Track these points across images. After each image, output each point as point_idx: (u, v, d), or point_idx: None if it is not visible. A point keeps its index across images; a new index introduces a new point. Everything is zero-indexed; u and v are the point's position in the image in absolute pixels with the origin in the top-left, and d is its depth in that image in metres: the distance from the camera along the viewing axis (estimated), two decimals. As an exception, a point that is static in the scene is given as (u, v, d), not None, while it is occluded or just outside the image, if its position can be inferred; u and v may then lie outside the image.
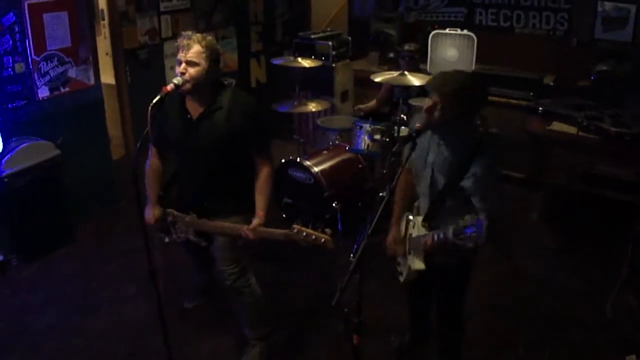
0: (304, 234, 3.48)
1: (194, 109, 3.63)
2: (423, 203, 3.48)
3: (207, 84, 3.55)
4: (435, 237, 3.15)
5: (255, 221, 3.68)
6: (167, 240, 4.06)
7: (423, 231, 3.32)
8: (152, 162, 3.96)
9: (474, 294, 3.82)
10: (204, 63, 3.46)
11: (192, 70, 3.44)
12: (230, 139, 3.60)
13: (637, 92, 5.98)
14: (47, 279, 5.16)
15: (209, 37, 3.55)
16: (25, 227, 5.28)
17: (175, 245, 4.09)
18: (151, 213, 3.91)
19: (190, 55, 3.43)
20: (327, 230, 3.48)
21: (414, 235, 3.40)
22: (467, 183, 3.17)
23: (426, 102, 3.19)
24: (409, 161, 3.38)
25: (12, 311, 4.75)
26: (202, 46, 3.46)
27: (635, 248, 4.65)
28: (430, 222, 3.34)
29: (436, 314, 3.79)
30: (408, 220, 3.52)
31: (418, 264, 3.32)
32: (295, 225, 3.51)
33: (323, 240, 3.44)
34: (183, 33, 3.54)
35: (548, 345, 4.33)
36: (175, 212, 3.91)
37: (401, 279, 3.54)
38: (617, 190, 5.62)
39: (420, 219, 3.39)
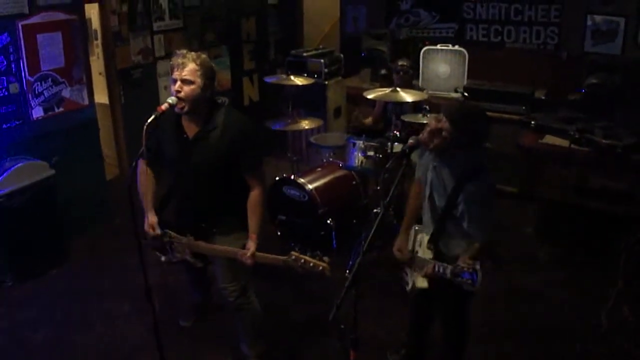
0: (302, 261, 3.47)
1: (190, 128, 3.64)
2: (426, 217, 3.53)
3: (203, 103, 3.56)
4: (435, 269, 3.24)
5: (250, 245, 3.66)
6: (163, 259, 4.05)
7: (428, 253, 3.40)
8: (144, 172, 3.91)
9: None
10: (199, 81, 3.47)
11: (187, 89, 3.45)
12: (225, 158, 3.61)
13: (627, 104, 6.02)
14: (41, 298, 5.14)
15: (203, 56, 3.57)
16: (20, 247, 5.27)
17: (171, 263, 4.09)
18: (150, 222, 3.88)
19: (185, 74, 3.44)
20: (325, 259, 3.46)
21: (419, 254, 3.46)
22: (457, 209, 3.22)
23: (431, 123, 3.21)
24: (417, 172, 3.46)
25: (6, 330, 4.73)
26: (197, 64, 3.47)
27: (628, 259, 4.67)
28: (434, 244, 3.40)
29: (442, 328, 3.81)
30: (416, 232, 3.58)
31: (421, 283, 3.39)
32: (293, 252, 3.50)
33: (321, 268, 3.43)
34: (177, 52, 3.55)
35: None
36: (172, 234, 3.90)
37: (407, 288, 3.59)
38: (610, 202, 5.65)
39: (426, 238, 3.44)
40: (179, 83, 3.45)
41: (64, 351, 4.50)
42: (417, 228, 3.60)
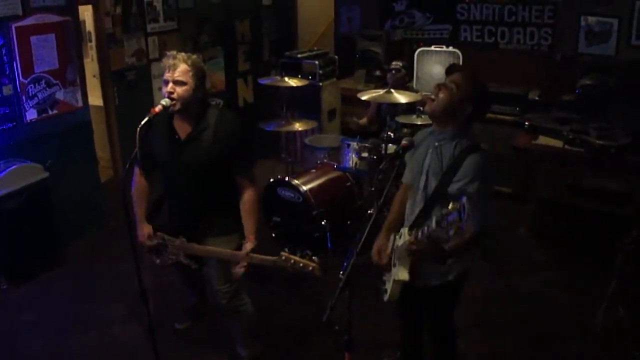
0: (292, 261, 3.46)
1: (182, 129, 3.63)
2: (409, 216, 3.41)
3: (195, 103, 3.56)
4: (419, 234, 3.03)
5: (248, 246, 3.64)
6: (158, 262, 4.04)
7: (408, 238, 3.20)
8: (138, 181, 3.93)
9: (465, 310, 3.83)
10: (191, 82, 3.47)
11: (179, 90, 3.45)
12: (217, 159, 3.60)
13: (621, 105, 6.04)
14: (37, 301, 5.13)
15: (194, 56, 3.57)
16: (15, 250, 5.27)
17: (165, 266, 4.08)
18: (143, 231, 3.89)
19: (177, 75, 3.45)
20: (315, 259, 3.45)
21: (399, 245, 3.29)
22: (453, 187, 3.12)
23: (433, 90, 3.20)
24: (405, 176, 3.40)
25: (2, 334, 4.72)
26: (188, 65, 3.47)
27: (623, 259, 4.67)
28: (416, 229, 3.17)
29: (426, 332, 3.78)
30: (395, 235, 3.44)
31: (402, 274, 3.20)
32: (283, 253, 3.48)
33: (311, 268, 3.43)
34: (168, 53, 3.55)
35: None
36: (165, 236, 3.89)
37: (385, 297, 3.40)
38: (604, 202, 5.66)
39: (406, 229, 3.29)
40: (171, 84, 3.45)
41: (60, 355, 4.49)
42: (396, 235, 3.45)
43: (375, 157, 5.45)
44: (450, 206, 2.69)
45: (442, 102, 3.15)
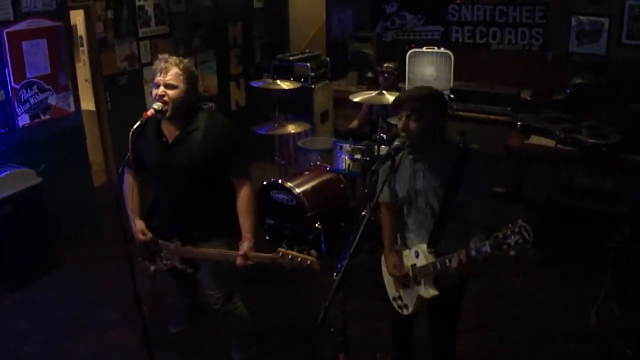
0: (290, 257, 3.45)
1: (170, 132, 3.62)
2: (415, 233, 3.44)
3: (185, 107, 3.55)
4: (473, 253, 3.01)
5: (246, 245, 3.61)
6: (153, 268, 4.01)
7: (431, 258, 3.26)
8: (128, 179, 3.91)
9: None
10: (182, 85, 3.47)
11: (171, 93, 3.45)
12: (207, 161, 3.59)
13: (612, 104, 6.06)
14: (30, 307, 5.12)
15: (186, 60, 3.57)
16: (8, 256, 5.24)
17: (160, 271, 4.06)
18: (138, 228, 3.84)
19: (169, 78, 3.45)
20: (313, 252, 3.44)
21: (419, 264, 3.32)
22: (461, 197, 3.17)
23: (400, 122, 3.20)
24: (391, 194, 3.41)
25: (-5, 340, 4.72)
26: (179, 68, 3.47)
27: (616, 257, 4.69)
28: (435, 247, 3.29)
29: (432, 341, 3.75)
30: (405, 255, 3.47)
31: (432, 292, 3.28)
32: (280, 249, 3.47)
33: (309, 262, 3.41)
34: (160, 56, 3.55)
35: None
36: (160, 241, 3.87)
37: (406, 311, 3.49)
38: (597, 201, 5.68)
39: (424, 247, 3.32)
40: (162, 87, 3.45)
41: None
42: (405, 252, 3.49)
43: (367, 158, 5.46)
44: (507, 231, 2.79)
45: (417, 130, 3.14)
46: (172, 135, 3.62)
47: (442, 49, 7.41)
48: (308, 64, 7.75)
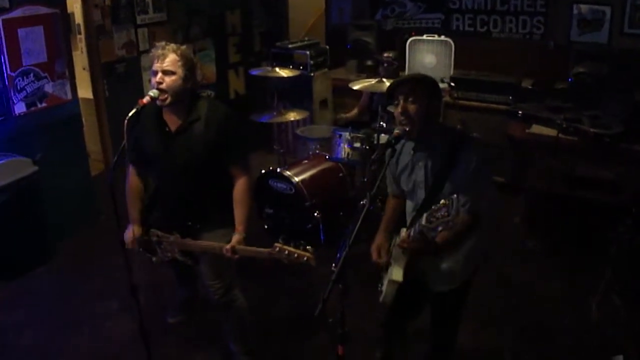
0: (286, 252, 3.43)
1: (172, 121, 3.59)
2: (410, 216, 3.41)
3: (185, 95, 3.52)
4: (411, 232, 3.08)
5: (235, 238, 3.60)
6: (154, 260, 4.00)
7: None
8: (132, 180, 3.90)
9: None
10: (180, 72, 3.44)
11: (168, 80, 3.41)
12: (210, 150, 3.57)
13: (614, 93, 6.01)
14: (26, 298, 5.09)
15: (184, 47, 3.54)
16: (4, 245, 5.18)
17: (162, 262, 4.05)
18: (130, 234, 3.83)
19: (166, 65, 3.41)
20: (309, 248, 3.43)
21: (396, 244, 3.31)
22: (448, 184, 3.12)
23: (398, 107, 3.15)
24: (396, 185, 3.39)
25: (-9, 331, 4.69)
26: (177, 55, 3.44)
27: (618, 249, 4.66)
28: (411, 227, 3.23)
29: (432, 343, 3.73)
30: (396, 237, 3.44)
31: (396, 275, 3.18)
32: (277, 244, 3.44)
33: (305, 258, 3.40)
34: (157, 44, 3.52)
35: (535, 352, 4.34)
36: (159, 233, 3.84)
37: (380, 297, 3.38)
38: (599, 191, 5.64)
39: (404, 229, 3.31)
40: (160, 74, 3.41)
41: (51, 351, 4.45)
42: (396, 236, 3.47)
43: (367, 147, 5.42)
44: (441, 202, 2.74)
45: (417, 116, 3.10)
46: (174, 125, 3.59)
47: (442, 37, 7.37)
48: (307, 52, 7.70)
